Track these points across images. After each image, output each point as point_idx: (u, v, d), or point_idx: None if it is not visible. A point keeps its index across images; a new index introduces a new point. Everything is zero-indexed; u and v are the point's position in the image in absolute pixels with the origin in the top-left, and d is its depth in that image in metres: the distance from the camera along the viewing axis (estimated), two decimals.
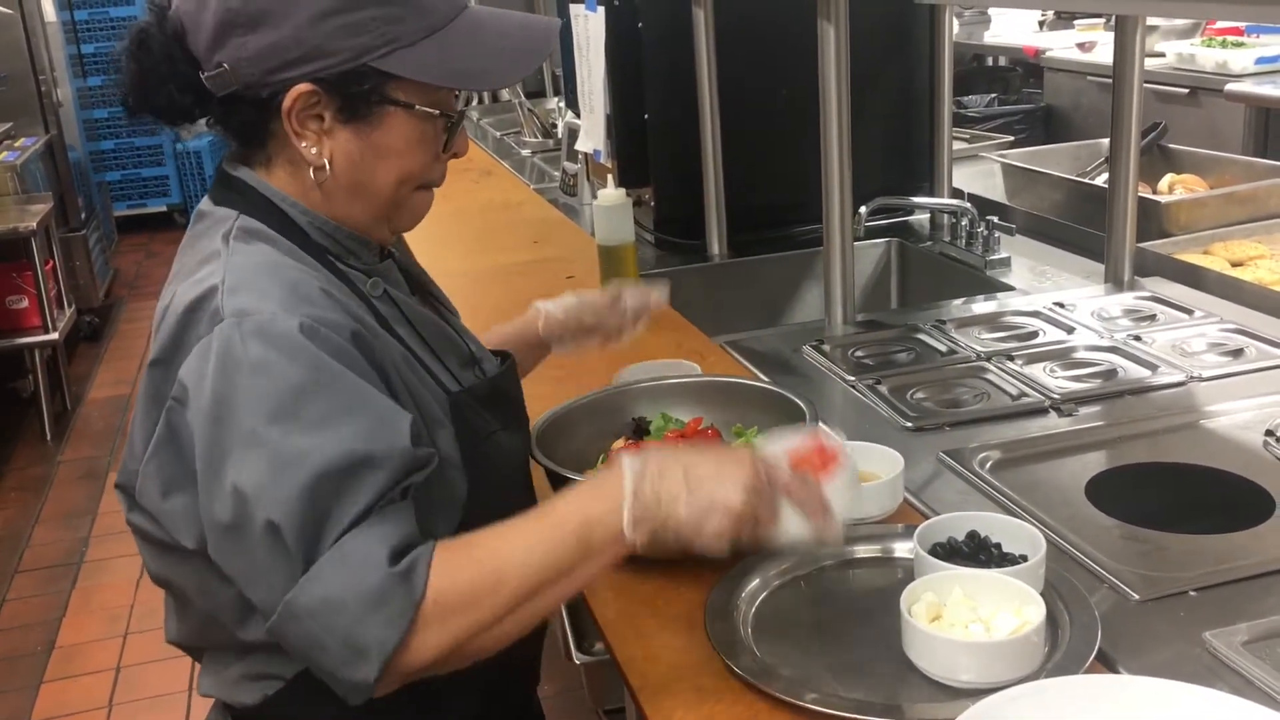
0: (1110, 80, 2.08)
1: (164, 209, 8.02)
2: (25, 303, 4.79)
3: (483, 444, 1.18)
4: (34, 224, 4.64)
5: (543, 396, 1.54)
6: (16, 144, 5.40)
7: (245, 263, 1.08)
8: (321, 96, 1.10)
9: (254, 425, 0.99)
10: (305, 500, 0.98)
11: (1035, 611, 1.08)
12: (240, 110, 1.13)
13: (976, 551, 1.20)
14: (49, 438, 4.83)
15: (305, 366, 1.01)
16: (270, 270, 1.08)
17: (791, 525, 1.05)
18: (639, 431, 1.44)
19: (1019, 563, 1.16)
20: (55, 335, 4.83)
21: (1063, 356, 1.83)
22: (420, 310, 1.24)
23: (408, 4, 1.10)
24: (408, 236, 1.43)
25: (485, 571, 1.02)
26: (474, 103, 5.13)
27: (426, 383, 1.17)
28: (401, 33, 1.10)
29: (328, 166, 1.12)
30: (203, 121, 1.18)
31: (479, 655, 1.04)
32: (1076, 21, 5.16)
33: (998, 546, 1.20)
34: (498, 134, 4.40)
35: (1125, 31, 2.03)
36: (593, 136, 2.69)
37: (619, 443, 1.41)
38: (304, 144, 1.12)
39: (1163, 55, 4.26)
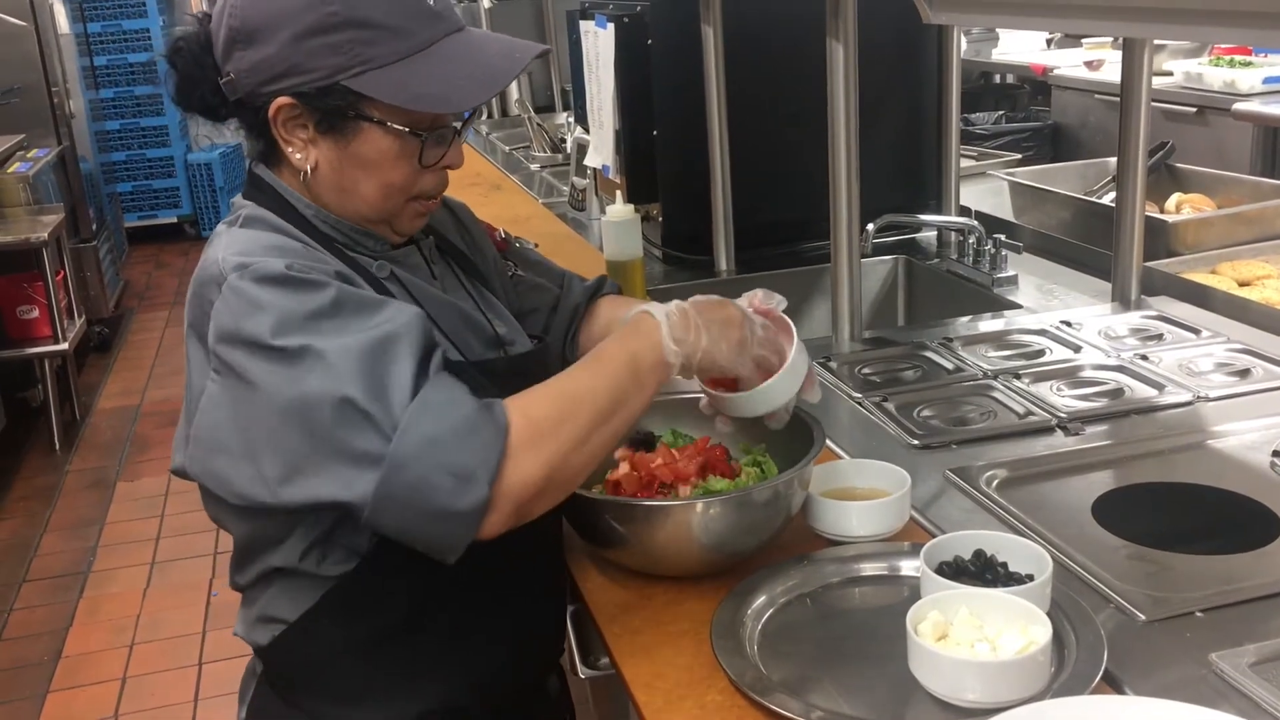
0: (1118, 99, 2.09)
1: (174, 220, 8.06)
2: (36, 313, 4.81)
3: None
4: (45, 235, 4.67)
5: None
6: (29, 155, 5.43)
7: (239, 235, 1.21)
8: (302, 109, 1.21)
9: (288, 344, 1.09)
10: (362, 372, 1.08)
11: (1041, 631, 1.08)
12: (246, 115, 1.26)
13: (983, 570, 1.20)
14: (58, 447, 4.85)
15: (308, 291, 1.12)
16: (259, 238, 1.21)
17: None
18: (646, 444, 1.44)
19: (1025, 582, 1.17)
20: (65, 345, 4.86)
21: (1069, 375, 1.83)
22: (431, 291, 1.31)
23: (384, 29, 1.18)
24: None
25: (560, 400, 1.16)
26: (482, 117, 5.15)
27: None
28: (375, 55, 1.18)
29: (310, 171, 1.23)
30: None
31: (573, 481, 1.17)
32: (1084, 40, 5.17)
33: (1004, 565, 1.20)
34: (507, 148, 4.42)
35: (1133, 51, 2.04)
36: (602, 152, 2.71)
37: (621, 450, 1.41)
38: (290, 149, 1.23)
39: (1170, 74, 4.27)
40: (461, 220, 1.49)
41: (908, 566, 1.30)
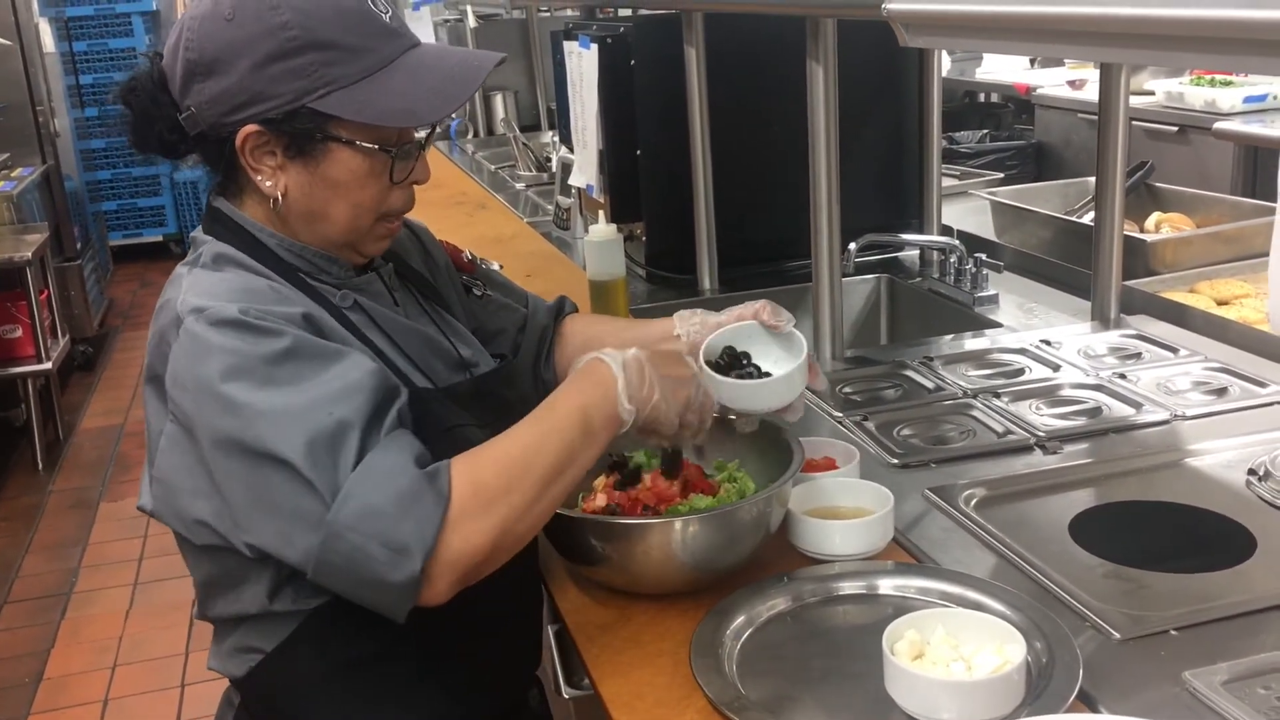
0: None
1: (160, 239, 8.04)
2: (19, 332, 4.80)
3: (444, 437, 1.21)
4: (29, 254, 4.66)
5: None
6: (13, 174, 5.42)
7: (203, 278, 1.21)
8: (269, 136, 1.21)
9: (236, 395, 1.10)
10: (305, 434, 1.08)
11: (1017, 650, 1.09)
12: (209, 148, 1.25)
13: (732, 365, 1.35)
14: (41, 467, 4.83)
15: (261, 337, 1.12)
16: (225, 280, 1.20)
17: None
18: (620, 466, 1.43)
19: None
20: (49, 365, 4.84)
21: (1049, 394, 1.84)
22: (396, 319, 1.31)
23: (346, 49, 1.19)
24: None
25: (508, 463, 1.13)
26: (467, 135, 5.16)
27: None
28: (339, 75, 1.19)
29: (280, 198, 1.23)
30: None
31: (521, 543, 1.15)
32: (1067, 59, 5.21)
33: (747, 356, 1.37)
34: (492, 167, 4.43)
35: (1111, 72, 2.06)
36: (585, 171, 2.72)
37: (601, 480, 1.41)
38: (259, 178, 1.23)
39: (1152, 94, 4.30)
40: (423, 242, 1.50)
41: (888, 585, 1.31)
